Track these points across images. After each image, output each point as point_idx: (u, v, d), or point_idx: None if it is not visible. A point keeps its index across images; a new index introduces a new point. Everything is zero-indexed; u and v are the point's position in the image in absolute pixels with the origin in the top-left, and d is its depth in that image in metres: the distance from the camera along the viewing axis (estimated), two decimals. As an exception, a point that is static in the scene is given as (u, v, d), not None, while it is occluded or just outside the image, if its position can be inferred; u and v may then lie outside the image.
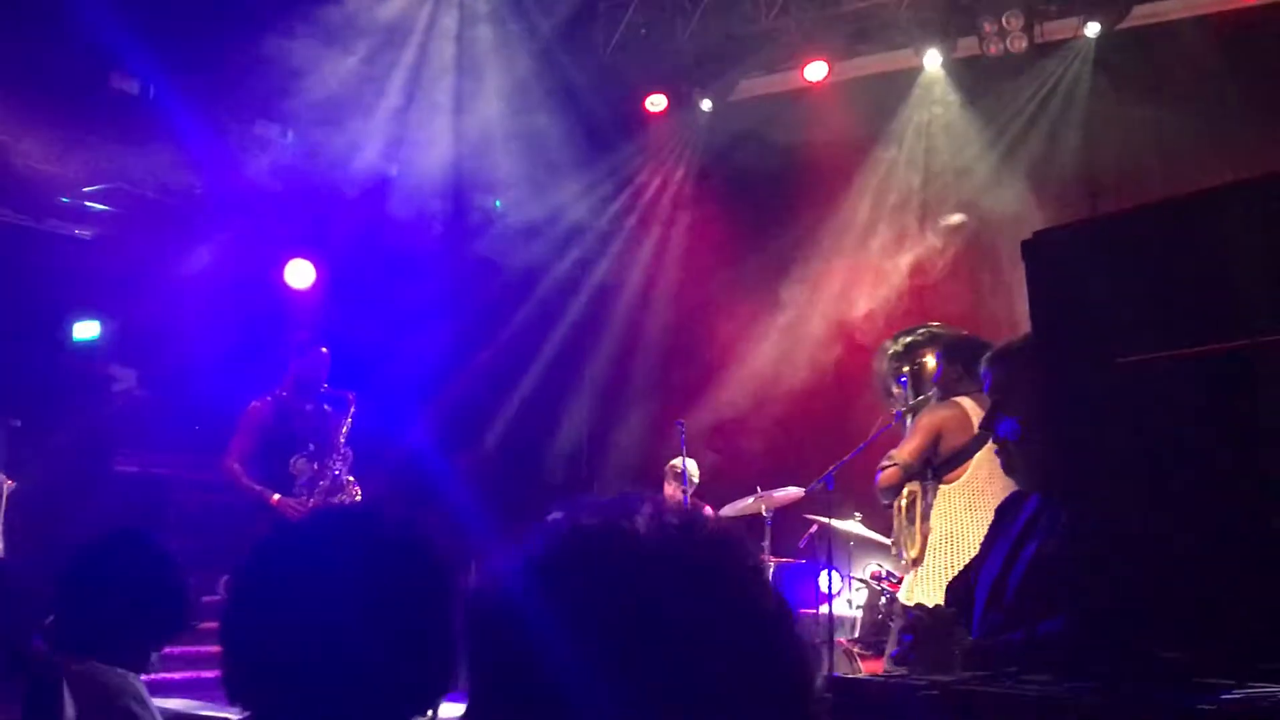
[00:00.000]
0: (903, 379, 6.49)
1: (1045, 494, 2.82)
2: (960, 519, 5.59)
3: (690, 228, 10.42)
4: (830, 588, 7.34)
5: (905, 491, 5.68)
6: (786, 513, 7.91)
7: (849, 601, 7.54)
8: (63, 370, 9.42)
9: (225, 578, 1.85)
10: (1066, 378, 2.26)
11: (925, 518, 5.63)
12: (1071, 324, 2.27)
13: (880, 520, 7.36)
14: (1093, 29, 8.63)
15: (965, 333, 6.33)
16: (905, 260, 9.48)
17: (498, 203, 10.58)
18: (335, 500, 7.20)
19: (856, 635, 7.16)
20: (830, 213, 9.80)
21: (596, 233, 10.71)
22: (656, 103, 10.31)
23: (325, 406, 7.49)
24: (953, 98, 9.46)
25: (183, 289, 9.21)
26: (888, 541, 7.40)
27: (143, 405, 9.83)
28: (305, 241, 10.13)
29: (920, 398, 6.30)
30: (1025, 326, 2.47)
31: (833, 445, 7.38)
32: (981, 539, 5.59)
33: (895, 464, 5.63)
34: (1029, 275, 2.29)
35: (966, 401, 5.67)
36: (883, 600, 6.81)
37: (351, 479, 7.36)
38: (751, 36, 9.77)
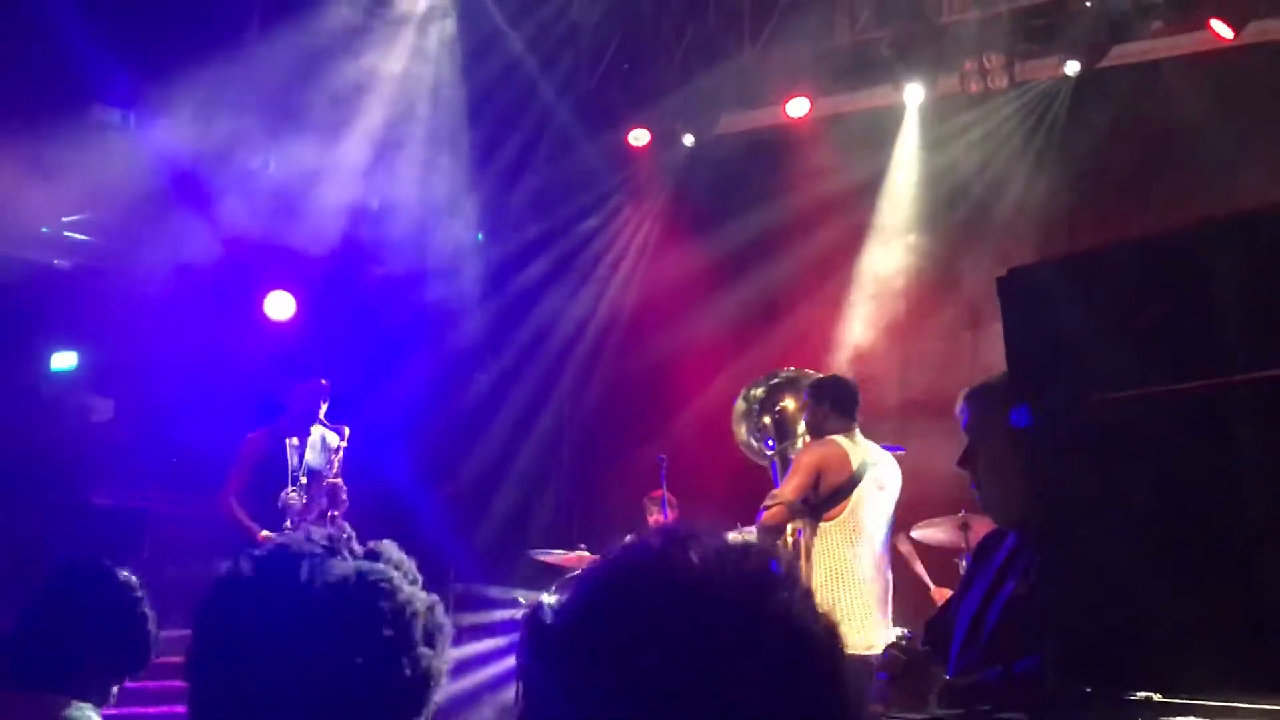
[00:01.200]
0: (769, 439, 6.64)
1: (1022, 532, 2.81)
2: (842, 555, 5.74)
3: (672, 263, 10.42)
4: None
5: (789, 530, 5.75)
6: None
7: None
8: (39, 401, 9.35)
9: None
10: (1040, 414, 2.25)
11: (807, 557, 5.70)
12: (1046, 360, 2.26)
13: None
14: (1072, 68, 8.67)
15: (824, 374, 6.48)
16: (885, 299, 9.52)
17: (479, 236, 10.58)
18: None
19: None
20: (812, 250, 9.82)
21: (577, 267, 10.71)
22: (639, 137, 10.32)
23: (325, 437, 7.44)
24: (932, 134, 9.51)
25: (162, 319, 9.17)
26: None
27: (120, 437, 9.76)
28: (285, 273, 10.10)
29: (786, 441, 6.41)
30: (1002, 367, 2.47)
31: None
32: (864, 575, 5.75)
33: (779, 503, 5.71)
34: (1004, 311, 2.29)
35: (841, 439, 5.89)
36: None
37: (338, 514, 7.27)
38: (734, 72, 9.80)
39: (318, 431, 7.45)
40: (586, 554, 8.14)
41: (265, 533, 6.93)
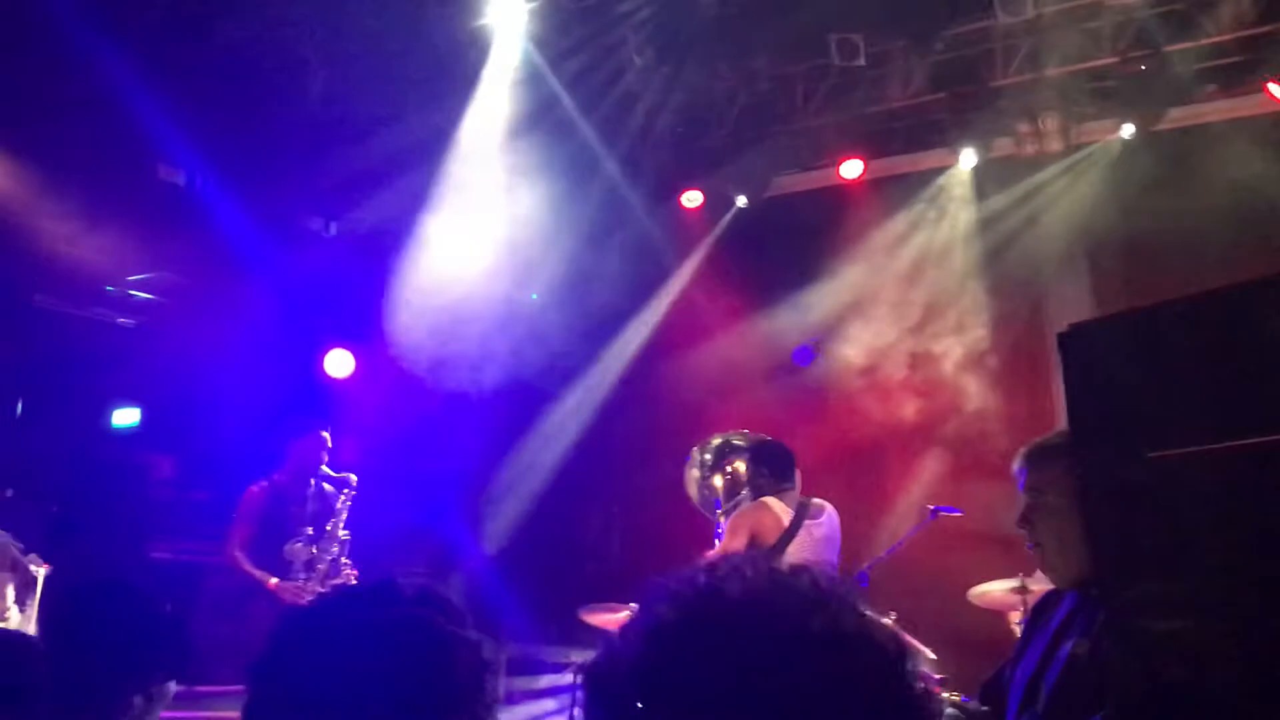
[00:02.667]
0: (717, 500, 6.84)
1: (1081, 592, 2.79)
2: None
3: (722, 322, 10.44)
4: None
5: None
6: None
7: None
8: (102, 457, 9.48)
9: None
10: (1102, 472, 2.24)
11: None
12: (1107, 417, 2.26)
13: (914, 622, 7.28)
14: (1128, 130, 8.67)
15: (766, 437, 6.65)
16: (939, 357, 9.49)
17: (534, 295, 10.66)
18: (332, 585, 7.18)
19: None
20: (865, 309, 9.83)
21: (632, 325, 10.76)
22: (692, 199, 10.40)
23: (325, 488, 7.55)
24: (987, 197, 9.51)
25: (223, 378, 9.29)
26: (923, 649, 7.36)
27: (179, 492, 9.87)
28: (345, 331, 10.22)
29: (733, 501, 6.61)
30: (1054, 422, 2.47)
31: (859, 544, 7.35)
32: None
33: None
34: (1065, 367, 2.29)
35: (774, 501, 6.20)
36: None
37: (348, 563, 7.37)
38: (787, 134, 9.87)
39: (319, 483, 7.56)
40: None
41: (274, 580, 7.10)
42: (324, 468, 7.63)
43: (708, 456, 7.34)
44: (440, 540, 9.59)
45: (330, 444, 7.65)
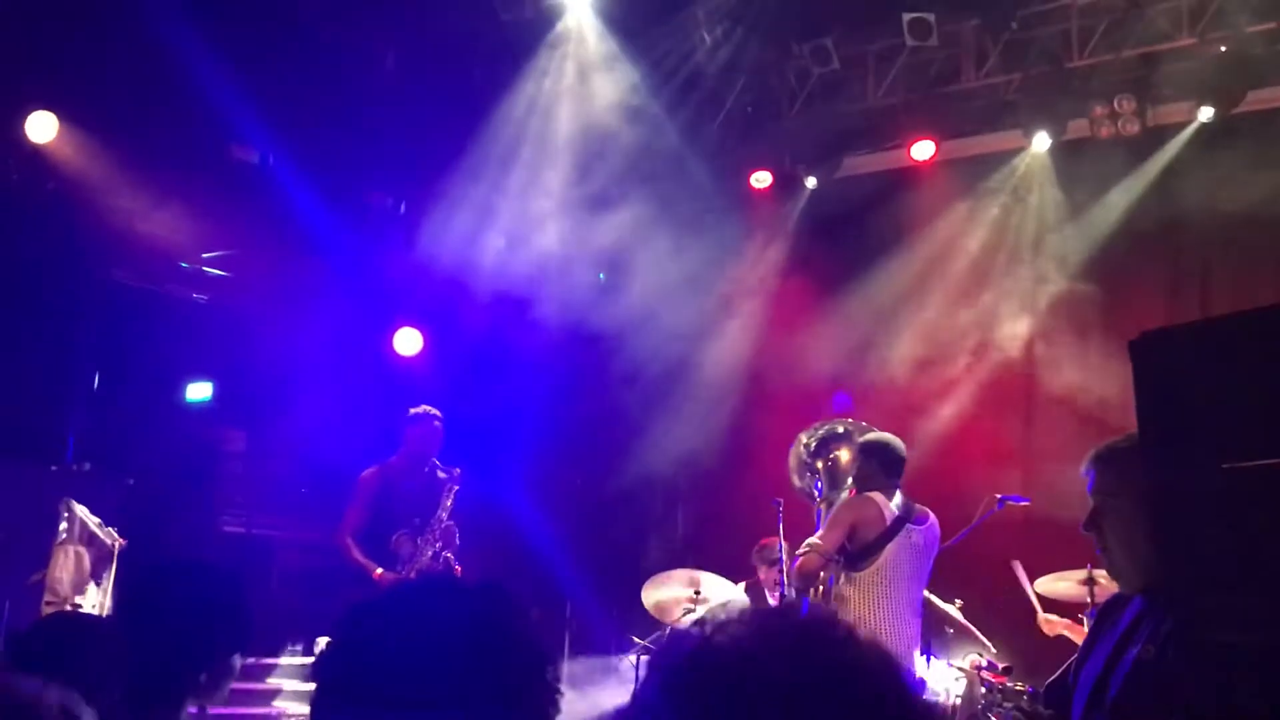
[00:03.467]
0: (818, 481, 6.82)
1: (1148, 596, 2.76)
2: (867, 606, 6.04)
3: (793, 303, 10.40)
4: (925, 671, 7.23)
5: (821, 577, 6.03)
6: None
7: (946, 690, 7.40)
8: (176, 431, 9.65)
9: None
10: (1173, 481, 2.22)
11: (840, 610, 6.02)
12: (1179, 426, 2.23)
13: (979, 610, 7.25)
14: (1206, 113, 8.50)
15: (877, 431, 6.59)
16: (1010, 341, 9.41)
17: (601, 275, 10.68)
18: None
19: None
20: (934, 292, 9.76)
21: (700, 306, 10.74)
22: (761, 179, 10.35)
23: (438, 476, 7.41)
24: (1061, 180, 9.39)
25: (294, 354, 9.42)
26: (980, 637, 7.34)
27: (251, 467, 10.03)
28: (414, 310, 10.32)
29: (835, 490, 6.60)
30: (1132, 425, 2.43)
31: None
32: (893, 623, 5.96)
33: (814, 551, 6.03)
34: (1136, 375, 2.26)
35: (878, 497, 6.16)
36: (982, 691, 6.67)
37: (451, 556, 7.26)
38: (858, 115, 9.80)
39: (430, 472, 7.42)
40: (700, 582, 8.16)
41: (380, 570, 6.98)
42: (434, 459, 7.48)
43: (813, 442, 7.31)
44: (507, 519, 9.66)
45: (442, 433, 7.45)
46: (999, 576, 7.63)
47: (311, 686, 1.80)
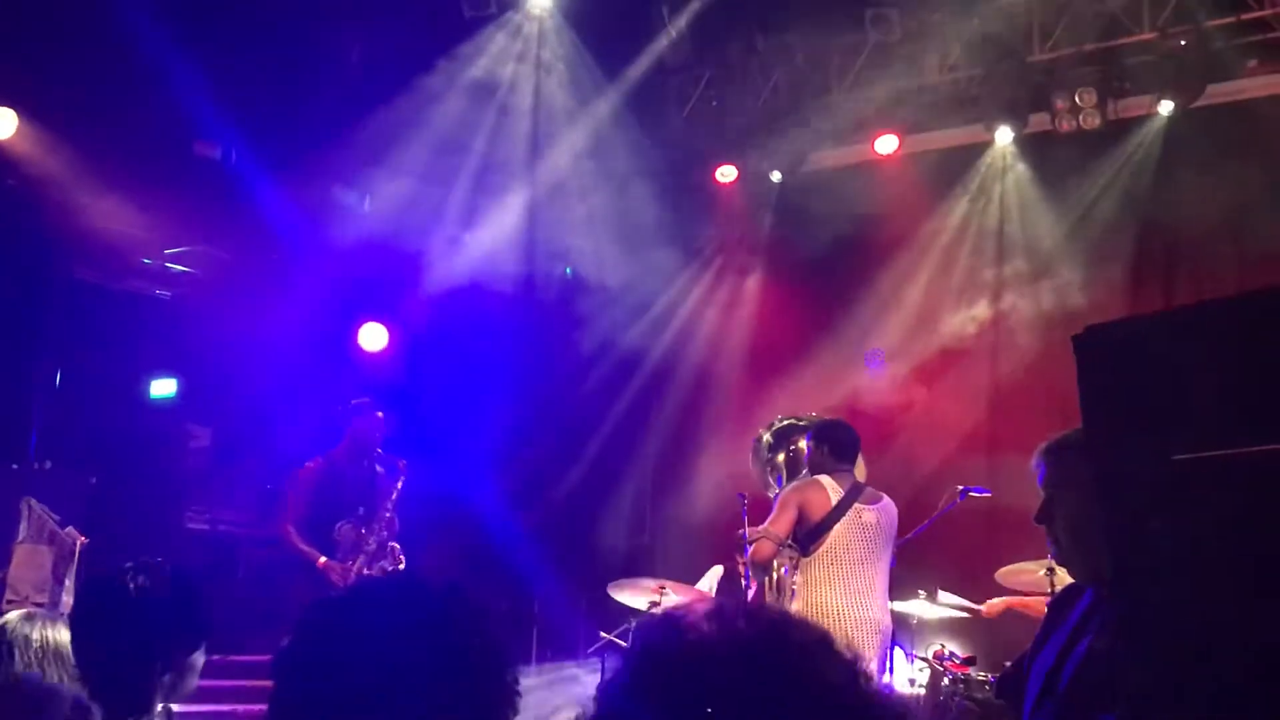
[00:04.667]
0: (779, 476, 6.88)
1: (1099, 588, 2.78)
2: (821, 588, 6.04)
3: (757, 298, 10.44)
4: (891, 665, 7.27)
5: (775, 564, 6.01)
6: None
7: (910, 680, 7.44)
8: (140, 428, 9.59)
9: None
10: (1120, 473, 2.24)
11: (791, 591, 5.99)
12: (1124, 419, 2.25)
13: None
14: (1166, 107, 8.57)
15: (828, 418, 6.73)
16: (974, 333, 9.46)
17: (568, 269, 10.68)
18: (380, 566, 7.22)
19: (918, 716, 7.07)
20: (899, 285, 9.80)
21: (665, 300, 10.76)
22: (726, 173, 10.36)
23: (377, 469, 7.49)
24: (1023, 174, 9.45)
25: (258, 350, 9.37)
26: (961, 612, 7.38)
27: (216, 463, 9.98)
28: (379, 305, 10.29)
29: (796, 479, 6.63)
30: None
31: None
32: (842, 605, 5.98)
33: (765, 537, 6.06)
34: (1080, 369, 2.27)
35: (825, 479, 6.19)
36: (945, 681, 6.71)
37: (396, 545, 7.36)
38: (822, 109, 9.82)
39: (374, 462, 7.50)
40: (666, 588, 8.16)
41: (324, 559, 7.09)
42: (379, 450, 7.56)
43: (770, 437, 7.35)
44: (473, 514, 9.65)
45: (385, 425, 7.53)
46: (963, 567, 7.68)
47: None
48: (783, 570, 6.13)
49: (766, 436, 7.32)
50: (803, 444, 6.93)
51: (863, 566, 6.12)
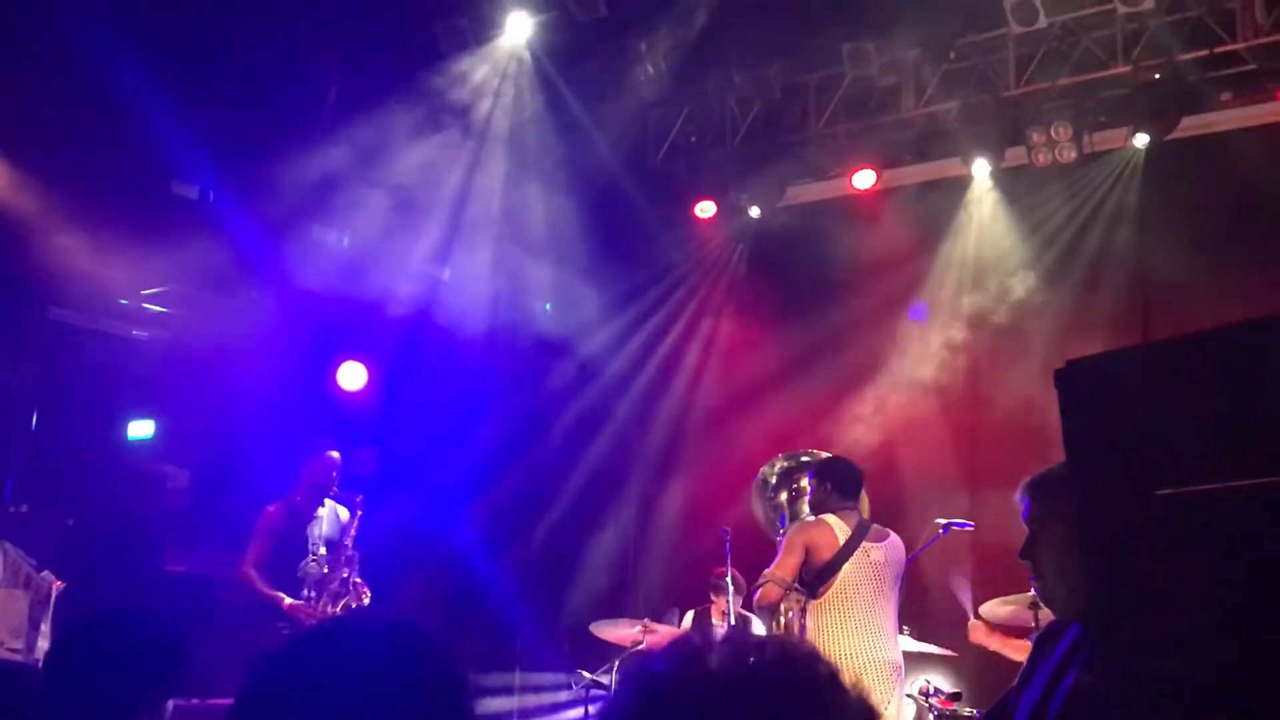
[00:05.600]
0: (783, 515, 6.81)
1: (1084, 624, 2.77)
2: (834, 631, 5.90)
3: (737, 333, 10.44)
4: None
5: (783, 609, 5.93)
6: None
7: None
8: (117, 469, 9.51)
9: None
10: (1104, 508, 2.23)
11: (800, 635, 5.90)
12: (1107, 454, 2.24)
13: (927, 637, 7.27)
14: (1141, 140, 8.64)
15: (831, 455, 6.60)
16: (955, 367, 9.47)
17: (548, 306, 10.67)
18: (343, 603, 7.31)
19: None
20: (879, 321, 9.82)
21: (644, 337, 10.76)
22: (705, 209, 10.39)
23: (336, 510, 7.67)
24: (1000, 209, 9.49)
25: (237, 390, 9.31)
26: (940, 653, 7.35)
27: (194, 505, 9.90)
28: (357, 344, 10.25)
29: (799, 519, 6.56)
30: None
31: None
32: (857, 646, 5.86)
33: (771, 581, 5.93)
34: (1062, 403, 2.27)
35: (831, 518, 6.07)
36: (931, 717, 6.69)
37: (359, 581, 7.51)
38: (800, 144, 9.87)
39: (330, 504, 7.70)
40: (649, 627, 8.11)
41: (289, 600, 7.21)
42: (334, 489, 7.71)
43: (773, 476, 7.29)
44: (453, 553, 9.59)
45: (340, 464, 7.69)
46: (947, 602, 7.66)
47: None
48: (790, 615, 6.02)
49: (769, 477, 7.26)
50: (805, 482, 6.87)
51: (874, 606, 6.03)
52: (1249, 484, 2.01)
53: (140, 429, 9.90)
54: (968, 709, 6.53)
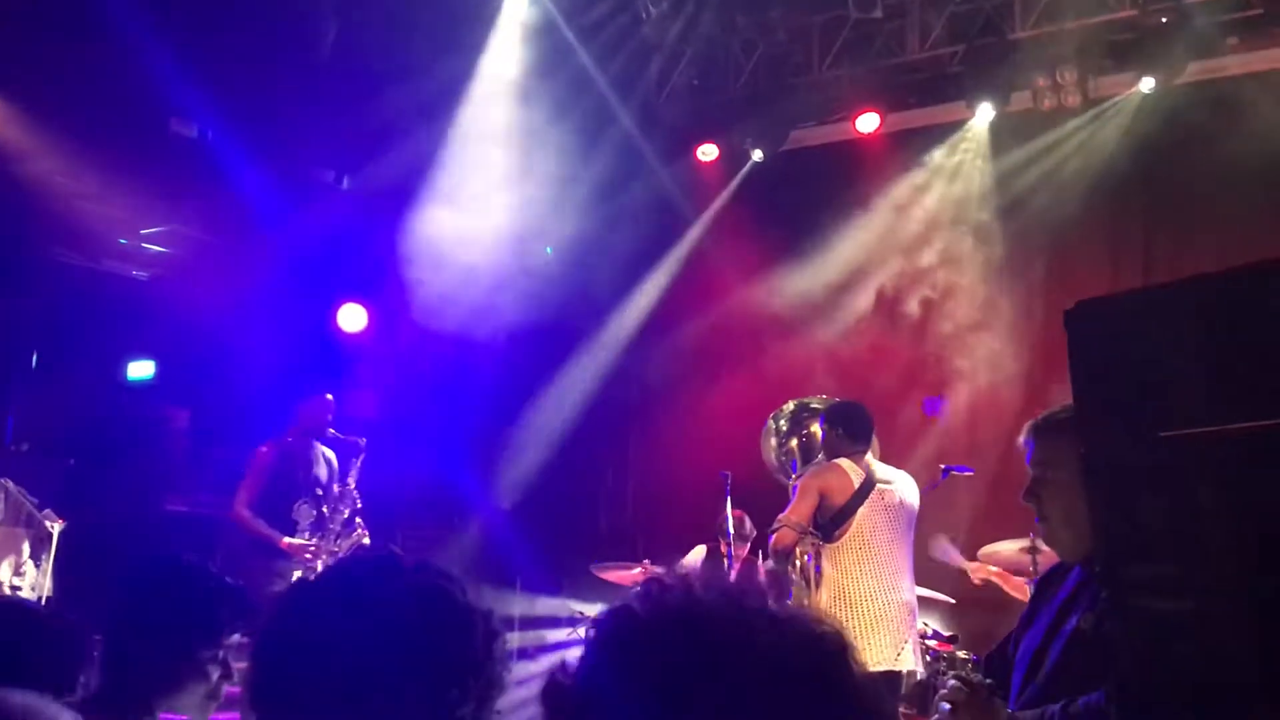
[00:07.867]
0: (794, 462, 6.81)
1: (1087, 566, 2.78)
2: (848, 576, 5.92)
3: (739, 277, 10.40)
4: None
5: (798, 552, 5.93)
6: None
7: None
8: (117, 410, 9.52)
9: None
10: (1109, 450, 2.22)
11: (817, 580, 5.91)
12: (1113, 396, 2.23)
13: (928, 578, 7.29)
14: (1147, 84, 8.56)
15: (840, 399, 6.58)
16: (956, 313, 9.45)
17: (549, 249, 10.63)
18: (343, 544, 7.33)
19: (903, 694, 7.08)
20: (881, 264, 9.80)
21: (646, 279, 10.72)
22: (707, 152, 10.33)
23: (331, 451, 7.72)
24: (1005, 151, 9.43)
25: (236, 331, 9.30)
26: (940, 597, 7.38)
27: (194, 445, 9.91)
28: (358, 285, 10.22)
29: (810, 465, 6.54)
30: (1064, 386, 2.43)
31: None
32: (873, 588, 5.90)
33: (785, 526, 5.95)
34: (1071, 345, 2.25)
35: (845, 462, 6.09)
36: (928, 659, 6.72)
37: (360, 523, 7.54)
38: (803, 87, 9.79)
39: (328, 442, 7.79)
40: (649, 568, 8.15)
41: (287, 539, 7.27)
42: (331, 430, 7.72)
43: (783, 422, 7.29)
44: (454, 494, 9.62)
45: (334, 406, 7.73)
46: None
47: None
48: (806, 558, 6.04)
49: (778, 423, 7.26)
50: (816, 428, 6.87)
51: (891, 549, 6.06)
52: (1253, 426, 2.01)
53: (140, 369, 9.90)
54: (964, 652, 6.56)
